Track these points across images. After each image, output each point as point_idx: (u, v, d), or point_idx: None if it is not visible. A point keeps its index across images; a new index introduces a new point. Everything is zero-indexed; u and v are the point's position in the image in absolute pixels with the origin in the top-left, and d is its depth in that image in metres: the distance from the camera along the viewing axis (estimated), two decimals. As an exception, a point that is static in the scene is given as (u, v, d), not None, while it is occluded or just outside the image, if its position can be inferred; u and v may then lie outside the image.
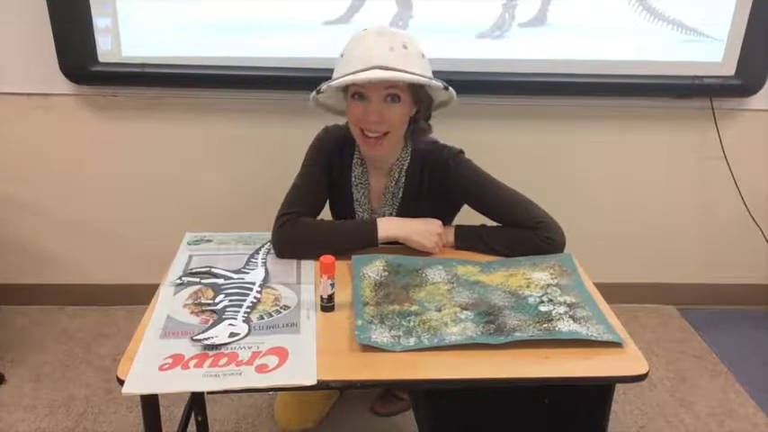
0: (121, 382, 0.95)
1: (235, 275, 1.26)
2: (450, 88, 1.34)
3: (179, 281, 1.24)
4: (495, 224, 1.42)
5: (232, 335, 1.06)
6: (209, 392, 0.98)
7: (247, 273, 1.27)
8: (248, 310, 1.14)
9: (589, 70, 2.02)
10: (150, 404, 1.04)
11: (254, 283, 1.23)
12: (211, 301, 1.17)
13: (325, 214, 1.57)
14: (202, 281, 1.24)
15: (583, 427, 1.18)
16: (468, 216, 1.50)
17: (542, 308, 1.15)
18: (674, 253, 2.37)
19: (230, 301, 1.17)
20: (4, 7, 1.92)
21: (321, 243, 1.31)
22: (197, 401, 1.53)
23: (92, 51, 1.94)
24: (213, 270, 1.27)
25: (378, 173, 1.46)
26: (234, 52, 1.96)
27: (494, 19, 1.97)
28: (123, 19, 1.92)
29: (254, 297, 1.18)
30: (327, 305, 1.15)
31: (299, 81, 1.96)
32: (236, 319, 1.11)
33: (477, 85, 1.98)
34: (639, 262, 2.37)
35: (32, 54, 1.96)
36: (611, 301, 1.20)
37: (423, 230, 1.37)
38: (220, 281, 1.24)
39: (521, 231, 1.37)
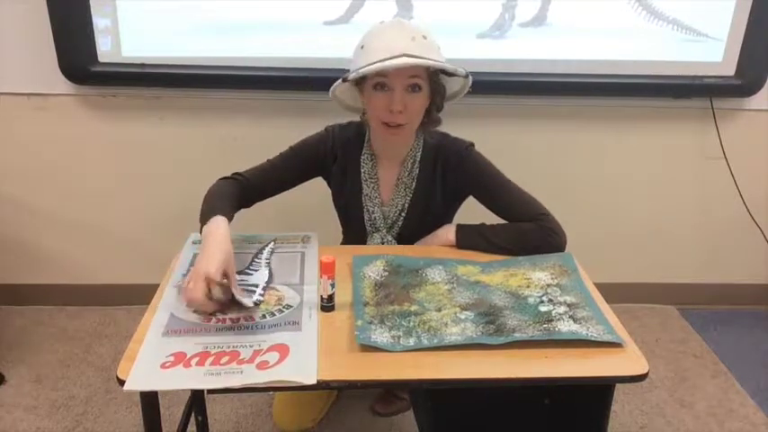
0: (121, 383, 0.95)
1: (238, 275, 1.25)
2: (470, 75, 1.37)
3: (182, 280, 1.23)
4: (495, 221, 1.42)
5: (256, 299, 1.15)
6: (209, 391, 0.98)
7: (251, 273, 1.27)
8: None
9: (589, 70, 2.02)
10: (150, 403, 1.04)
11: (257, 285, 1.22)
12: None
13: (330, 210, 1.58)
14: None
15: (583, 427, 1.18)
16: (468, 217, 1.50)
17: (542, 308, 1.15)
18: (674, 253, 2.36)
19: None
20: (4, 7, 1.92)
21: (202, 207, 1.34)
22: (197, 401, 1.53)
23: (92, 51, 1.94)
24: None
25: (389, 165, 1.48)
26: (234, 52, 1.96)
27: (494, 19, 1.97)
28: (123, 19, 1.92)
29: (257, 297, 1.18)
30: (327, 305, 1.15)
31: (299, 81, 1.97)
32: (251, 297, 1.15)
33: (477, 85, 1.94)
34: (639, 262, 2.37)
35: (32, 54, 1.96)
36: (611, 301, 1.20)
37: (202, 262, 1.14)
38: (223, 280, 1.23)
39: (522, 226, 1.38)
